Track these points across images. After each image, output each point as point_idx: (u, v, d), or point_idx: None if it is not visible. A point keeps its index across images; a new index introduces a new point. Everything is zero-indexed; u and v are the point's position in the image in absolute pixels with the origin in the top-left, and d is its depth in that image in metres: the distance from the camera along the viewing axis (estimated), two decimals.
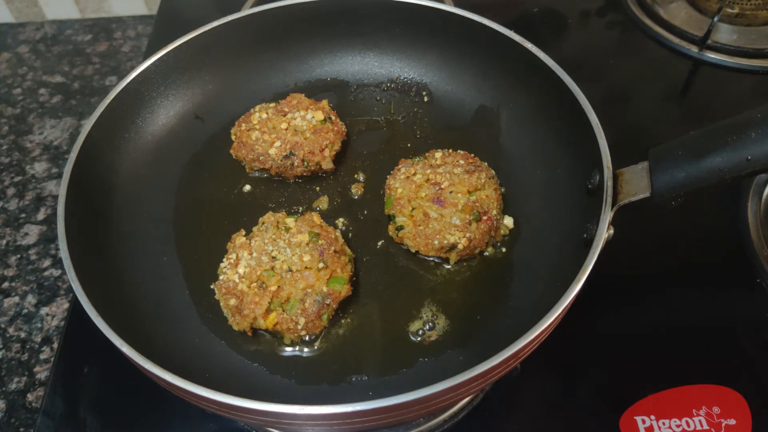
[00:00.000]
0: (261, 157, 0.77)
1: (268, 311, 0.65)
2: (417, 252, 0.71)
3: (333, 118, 0.80)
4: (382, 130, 0.86)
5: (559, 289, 0.54)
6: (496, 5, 1.14)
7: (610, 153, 0.62)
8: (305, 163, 0.77)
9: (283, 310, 0.65)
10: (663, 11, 1.14)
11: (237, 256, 0.68)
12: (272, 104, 0.81)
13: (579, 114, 0.67)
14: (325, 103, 0.82)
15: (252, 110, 0.81)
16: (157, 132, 0.81)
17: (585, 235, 0.62)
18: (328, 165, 0.78)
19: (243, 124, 0.79)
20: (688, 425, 0.68)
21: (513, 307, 0.68)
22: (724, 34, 1.08)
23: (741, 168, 0.53)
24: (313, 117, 0.79)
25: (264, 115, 0.79)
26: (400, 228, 0.71)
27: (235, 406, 0.50)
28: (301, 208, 0.78)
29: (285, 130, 0.78)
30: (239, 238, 0.70)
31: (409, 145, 0.84)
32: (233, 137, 0.80)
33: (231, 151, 0.80)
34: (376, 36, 0.89)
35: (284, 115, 0.79)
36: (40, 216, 1.02)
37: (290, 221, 0.71)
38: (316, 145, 0.77)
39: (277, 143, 0.77)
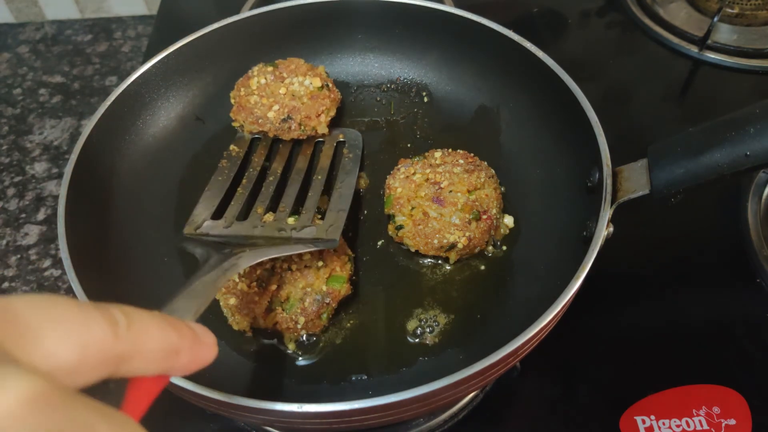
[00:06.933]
0: (260, 120, 0.78)
1: (268, 310, 0.65)
2: (417, 251, 0.71)
3: (330, 85, 0.81)
4: (382, 131, 0.86)
5: (559, 287, 0.54)
6: (496, 5, 1.14)
7: (609, 153, 0.62)
8: (302, 127, 0.78)
9: (283, 310, 0.65)
10: (663, 11, 1.15)
11: None
12: (270, 67, 0.81)
13: (579, 113, 0.67)
14: (322, 69, 0.83)
15: (250, 73, 0.81)
16: (157, 133, 0.81)
17: (585, 233, 0.62)
18: (323, 129, 0.80)
19: (242, 89, 0.80)
20: (688, 425, 0.68)
21: (513, 305, 0.68)
22: (724, 34, 1.08)
23: (740, 164, 0.53)
24: (311, 83, 0.80)
25: (263, 81, 0.80)
26: (399, 227, 0.71)
27: (235, 405, 0.50)
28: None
29: (283, 95, 0.79)
30: None
31: (409, 145, 0.84)
32: (232, 101, 0.80)
33: (231, 114, 0.80)
34: (376, 37, 0.89)
35: (282, 81, 0.80)
36: (40, 216, 1.02)
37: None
38: (312, 111, 0.78)
39: (276, 107, 0.78)
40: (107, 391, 0.29)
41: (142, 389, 0.32)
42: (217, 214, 0.71)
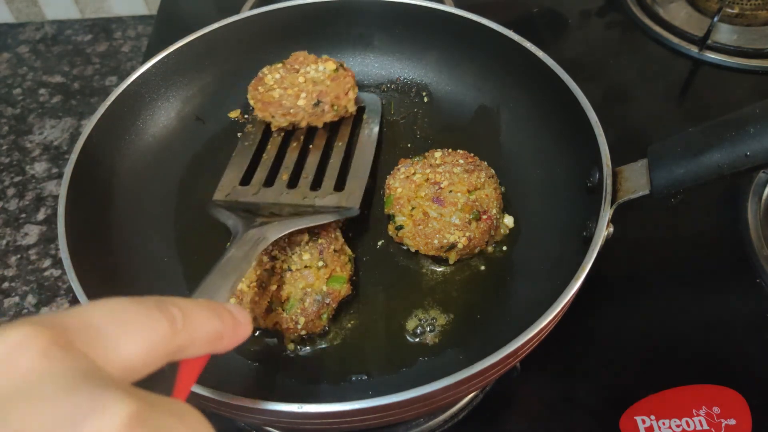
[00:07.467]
0: (291, 110, 0.77)
1: (268, 311, 0.65)
2: (417, 251, 0.71)
3: (344, 65, 0.81)
4: (382, 131, 0.86)
5: (559, 288, 0.54)
6: (496, 5, 1.14)
7: (610, 153, 0.62)
8: (334, 108, 0.78)
9: (283, 310, 0.65)
10: (663, 11, 1.15)
11: None
12: (279, 64, 0.81)
13: (579, 113, 0.67)
14: (326, 57, 0.82)
15: (261, 74, 0.80)
16: (157, 133, 0.81)
17: (585, 234, 0.62)
18: (352, 108, 0.80)
19: (259, 87, 0.79)
20: (688, 425, 0.68)
21: (513, 305, 0.68)
22: (724, 34, 1.08)
23: (740, 164, 0.53)
24: (325, 68, 0.79)
25: (277, 75, 0.79)
26: (399, 227, 0.71)
27: (235, 405, 0.50)
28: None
29: (304, 83, 0.78)
30: None
31: (409, 145, 0.84)
32: (251, 102, 0.79)
33: (256, 113, 0.78)
34: (376, 37, 0.89)
35: (297, 72, 0.79)
36: (40, 216, 1.02)
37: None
38: (340, 90, 0.78)
39: (303, 94, 0.77)
40: (162, 373, 0.33)
41: (189, 368, 0.37)
42: (245, 181, 0.74)
